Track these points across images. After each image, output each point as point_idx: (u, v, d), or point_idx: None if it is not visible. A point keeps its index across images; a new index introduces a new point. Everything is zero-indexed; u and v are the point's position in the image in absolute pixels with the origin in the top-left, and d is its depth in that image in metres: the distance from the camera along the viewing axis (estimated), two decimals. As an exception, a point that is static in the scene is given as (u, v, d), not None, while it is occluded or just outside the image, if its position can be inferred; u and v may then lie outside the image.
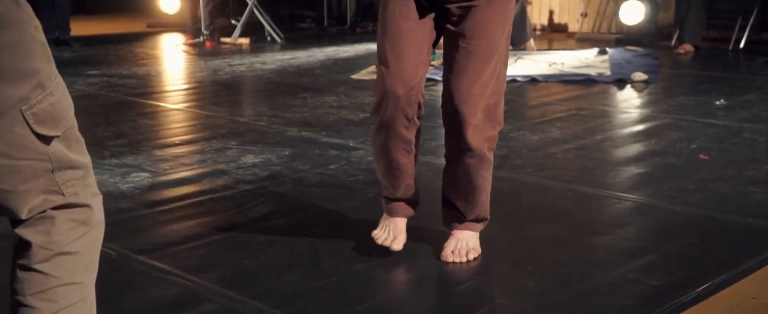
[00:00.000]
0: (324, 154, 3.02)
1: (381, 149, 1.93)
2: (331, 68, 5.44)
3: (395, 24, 1.85)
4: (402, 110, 1.87)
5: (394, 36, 1.85)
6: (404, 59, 1.85)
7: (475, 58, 1.83)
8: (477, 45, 1.83)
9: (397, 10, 1.85)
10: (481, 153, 1.88)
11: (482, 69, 1.84)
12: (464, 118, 1.84)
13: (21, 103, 1.00)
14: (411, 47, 1.85)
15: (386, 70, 1.86)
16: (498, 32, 1.85)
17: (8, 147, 1.01)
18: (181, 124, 3.62)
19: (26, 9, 1.01)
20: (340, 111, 3.87)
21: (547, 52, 6.07)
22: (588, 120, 3.61)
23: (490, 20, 1.83)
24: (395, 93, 1.85)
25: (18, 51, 0.99)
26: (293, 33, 7.74)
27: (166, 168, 2.81)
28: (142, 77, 5.00)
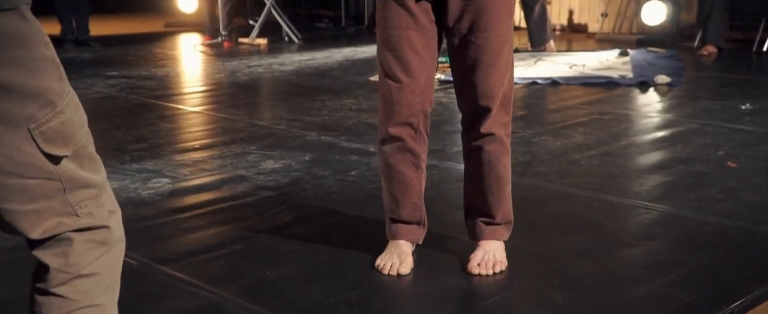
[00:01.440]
0: (344, 159, 2.99)
1: (387, 163, 1.90)
2: (350, 69, 5.42)
3: (395, 34, 1.82)
4: (408, 120, 1.85)
5: (396, 47, 1.82)
6: (407, 69, 1.82)
7: (486, 51, 1.80)
8: (486, 38, 1.80)
9: (396, 20, 1.81)
10: (500, 138, 1.88)
11: (496, 61, 1.81)
12: (486, 110, 1.84)
13: (28, 121, 0.98)
14: (413, 56, 1.82)
15: (389, 81, 1.84)
16: (504, 21, 1.82)
17: (16, 166, 0.99)
18: (201, 127, 3.61)
19: (35, 25, 0.99)
20: (360, 114, 3.84)
21: (567, 54, 6.00)
22: (611, 125, 3.56)
23: (494, 11, 1.79)
24: (400, 103, 1.83)
25: (26, 69, 0.97)
26: (310, 33, 7.73)
27: (186, 174, 2.79)
28: (161, 79, 5.00)
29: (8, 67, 0.94)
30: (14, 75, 0.95)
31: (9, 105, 0.96)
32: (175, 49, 6.70)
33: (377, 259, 1.95)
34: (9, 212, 1.01)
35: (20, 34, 0.96)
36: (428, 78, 1.87)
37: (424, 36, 1.83)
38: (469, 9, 1.79)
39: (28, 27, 0.97)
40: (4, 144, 0.97)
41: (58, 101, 1.01)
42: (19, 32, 0.96)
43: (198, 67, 5.70)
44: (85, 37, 6.51)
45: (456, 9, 1.80)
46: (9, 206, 1.01)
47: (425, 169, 1.96)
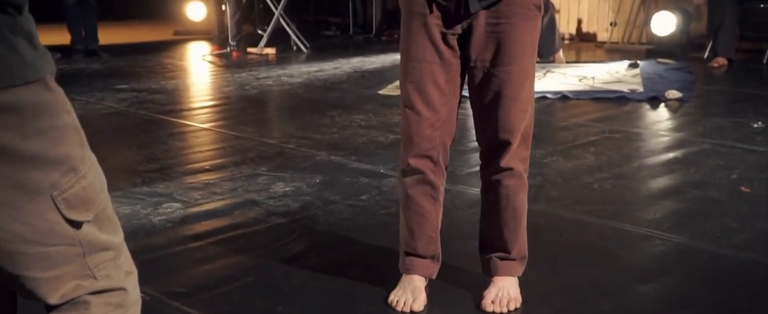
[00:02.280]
0: (355, 182, 2.98)
1: (407, 193, 1.91)
2: (358, 82, 5.41)
3: (418, 67, 1.82)
4: (428, 153, 1.86)
5: (419, 79, 1.82)
6: (428, 102, 1.82)
7: (508, 85, 1.80)
8: (509, 72, 1.80)
9: (421, 52, 1.81)
10: (519, 173, 1.88)
11: (518, 95, 1.81)
12: (506, 144, 1.84)
13: (52, 189, 0.98)
14: (435, 90, 1.82)
15: (411, 113, 1.84)
16: (527, 56, 1.82)
17: (38, 234, 0.99)
18: (211, 146, 3.60)
19: (58, 93, 0.99)
20: (369, 132, 3.83)
21: (576, 65, 5.98)
22: (622, 144, 3.54)
23: (518, 44, 1.79)
24: (420, 136, 1.84)
25: (50, 138, 0.96)
26: (319, 41, 7.73)
27: (197, 198, 2.79)
28: (170, 92, 5.00)
29: (33, 138, 0.94)
30: (39, 145, 0.95)
31: (33, 174, 0.95)
32: (184, 59, 6.71)
33: (390, 295, 1.94)
34: (30, 280, 1.01)
35: (45, 105, 0.95)
36: (449, 112, 1.87)
37: (447, 70, 1.82)
38: (493, 42, 1.79)
39: (52, 96, 0.96)
40: (27, 213, 0.96)
41: (80, 166, 1.01)
42: (44, 102, 0.95)
43: (207, 80, 5.70)
44: (94, 46, 6.52)
45: (480, 42, 1.79)
46: (31, 274, 1.00)
47: (443, 202, 1.95)
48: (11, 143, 0.91)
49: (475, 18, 1.78)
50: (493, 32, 1.79)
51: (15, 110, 0.91)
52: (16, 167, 0.93)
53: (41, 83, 0.94)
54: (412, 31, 1.83)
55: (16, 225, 0.96)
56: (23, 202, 0.95)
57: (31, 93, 0.93)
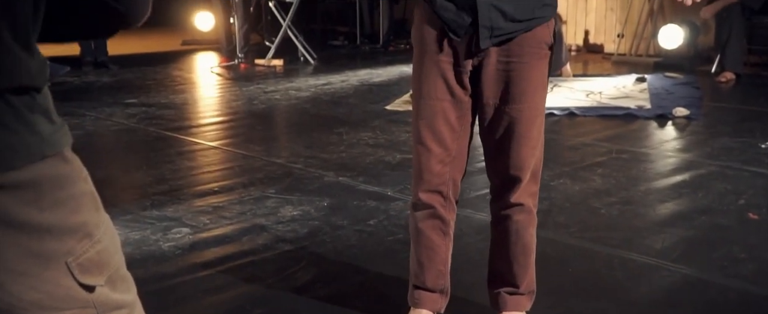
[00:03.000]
0: (362, 205, 2.99)
1: (417, 227, 1.93)
2: (366, 96, 5.43)
3: (430, 104, 1.83)
4: (438, 188, 1.88)
5: (430, 117, 1.84)
6: (439, 139, 1.84)
7: (520, 123, 1.81)
8: (520, 110, 1.81)
9: (432, 90, 1.82)
10: (529, 208, 1.90)
11: (529, 132, 1.82)
12: (516, 180, 1.85)
13: (67, 256, 0.99)
14: (446, 127, 1.84)
15: (422, 149, 1.86)
16: (538, 94, 1.83)
17: (55, 301, 1.00)
18: (219, 166, 3.62)
19: (74, 163, 1.00)
20: (377, 151, 3.84)
21: (583, 79, 5.98)
22: (630, 166, 3.54)
23: (529, 82, 1.80)
24: (430, 171, 1.86)
25: (66, 208, 0.98)
26: (326, 52, 7.75)
27: (206, 222, 2.81)
28: (179, 107, 5.03)
29: (50, 210, 0.95)
30: (55, 216, 0.96)
31: (49, 244, 0.97)
32: (192, 71, 6.74)
33: None
34: None
35: (61, 176, 0.97)
36: (460, 148, 1.88)
37: (459, 108, 1.84)
38: (504, 80, 1.80)
39: (68, 168, 0.98)
40: (43, 281, 0.98)
41: (95, 231, 1.03)
42: (61, 175, 0.97)
43: (215, 93, 5.72)
44: (103, 58, 6.55)
45: (491, 80, 1.80)
46: None
47: (452, 235, 1.97)
48: (28, 216, 0.93)
49: (487, 56, 1.79)
50: (504, 70, 1.80)
51: (32, 185, 0.93)
52: (33, 238, 0.95)
53: (58, 156, 0.96)
54: (424, 68, 1.84)
55: (32, 293, 0.98)
56: (39, 270, 0.97)
57: (48, 167, 0.94)
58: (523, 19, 1.78)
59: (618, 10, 7.42)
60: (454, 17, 1.78)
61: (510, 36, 1.78)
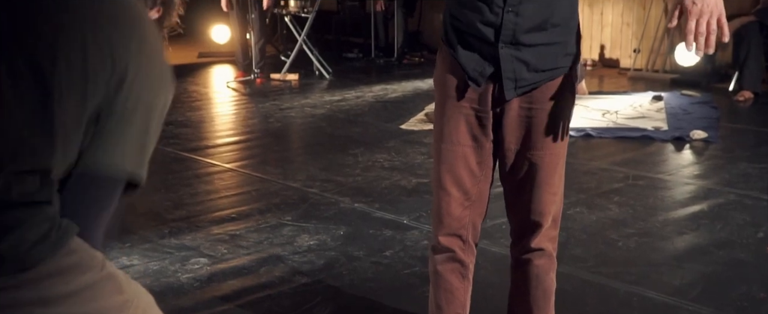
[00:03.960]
0: (378, 235, 3.00)
1: (436, 269, 1.93)
2: (381, 114, 5.44)
3: (452, 149, 1.83)
4: (458, 232, 1.88)
5: (451, 161, 1.84)
6: (460, 184, 1.85)
7: (541, 169, 1.82)
8: (541, 156, 1.81)
9: (454, 135, 1.83)
10: (549, 253, 1.90)
11: (550, 179, 1.83)
12: (537, 225, 1.86)
13: None
14: (466, 172, 1.84)
15: (443, 193, 1.86)
16: (559, 141, 1.83)
17: None
18: (236, 190, 3.64)
19: (84, 253, 1.02)
20: (392, 174, 3.85)
21: (599, 97, 5.96)
22: (647, 194, 3.52)
23: (550, 128, 1.80)
24: (450, 215, 1.86)
25: (81, 298, 1.00)
26: (341, 65, 7.77)
27: (223, 252, 2.82)
28: (196, 125, 5.06)
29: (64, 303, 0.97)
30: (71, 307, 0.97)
31: None
32: (209, 85, 6.78)
33: None
34: None
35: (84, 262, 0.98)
36: (481, 192, 1.88)
37: (480, 153, 1.84)
38: (525, 126, 1.80)
39: (76, 258, 0.99)
40: None
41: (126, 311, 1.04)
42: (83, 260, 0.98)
43: (231, 110, 5.75)
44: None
45: (513, 125, 1.80)
46: None
47: (472, 278, 1.97)
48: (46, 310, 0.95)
49: (509, 102, 1.79)
50: (526, 116, 1.80)
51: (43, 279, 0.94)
52: None
53: (65, 249, 0.97)
54: (446, 113, 1.84)
55: None
56: None
57: (55, 263, 0.96)
58: (547, 69, 1.78)
59: (634, 25, 7.39)
60: (476, 67, 1.78)
61: (533, 86, 1.78)
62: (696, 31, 1.49)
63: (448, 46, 1.84)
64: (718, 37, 1.53)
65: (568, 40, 1.80)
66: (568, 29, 1.79)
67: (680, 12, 1.52)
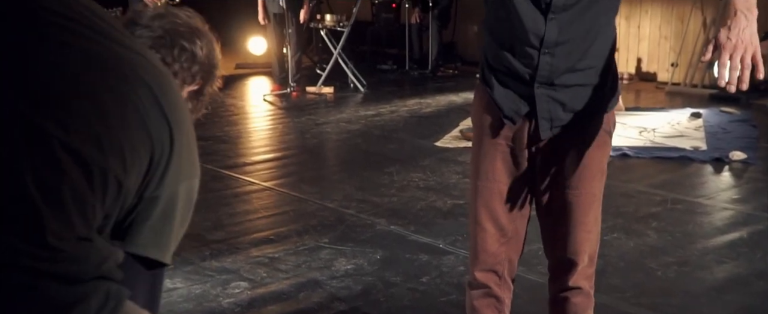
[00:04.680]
0: (415, 259, 3.03)
1: (472, 304, 1.96)
2: (415, 129, 5.46)
3: (488, 186, 1.86)
4: (494, 268, 1.91)
5: (488, 198, 1.86)
6: (496, 220, 1.87)
7: (576, 208, 1.83)
8: (577, 195, 1.82)
9: (491, 172, 1.85)
10: (587, 292, 1.91)
11: (585, 218, 1.84)
12: (573, 263, 1.87)
13: None
14: (504, 209, 1.86)
15: (479, 229, 1.88)
16: (596, 180, 1.84)
17: None
18: (274, 210, 3.70)
19: None
20: (427, 195, 3.88)
21: (636, 113, 5.91)
22: (685, 219, 3.49)
23: (586, 168, 1.81)
24: (486, 251, 1.89)
25: None
26: (375, 77, 7.83)
27: (263, 276, 2.88)
28: (233, 141, 5.15)
29: None
30: None
31: None
32: (245, 99, 6.89)
33: None
34: None
35: None
36: (517, 229, 1.90)
37: (516, 190, 1.86)
38: (562, 165, 1.82)
39: None
40: None
41: None
42: None
43: (268, 125, 5.82)
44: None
45: (550, 164, 1.82)
46: None
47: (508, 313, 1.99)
48: None
49: (544, 141, 1.81)
50: (561, 155, 1.82)
51: None
52: None
53: None
54: (483, 149, 1.87)
55: None
56: None
57: None
58: (582, 109, 1.79)
59: (672, 39, 7.31)
60: (512, 105, 1.81)
61: (569, 126, 1.79)
62: (731, 66, 1.46)
63: (484, 85, 1.86)
64: (752, 73, 1.51)
65: (604, 80, 1.81)
66: (603, 70, 1.80)
67: (715, 46, 1.50)
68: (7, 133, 0.91)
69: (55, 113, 0.93)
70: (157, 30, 1.29)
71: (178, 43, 1.29)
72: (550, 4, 1.70)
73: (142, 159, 1.00)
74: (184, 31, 1.31)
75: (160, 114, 1.01)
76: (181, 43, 1.30)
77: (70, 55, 0.96)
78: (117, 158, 0.96)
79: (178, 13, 1.34)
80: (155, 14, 1.32)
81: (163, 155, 1.02)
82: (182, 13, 1.34)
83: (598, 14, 1.73)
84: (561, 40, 1.72)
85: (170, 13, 1.33)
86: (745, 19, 1.47)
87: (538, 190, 1.87)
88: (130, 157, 0.98)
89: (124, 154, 0.97)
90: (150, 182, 1.03)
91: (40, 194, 0.90)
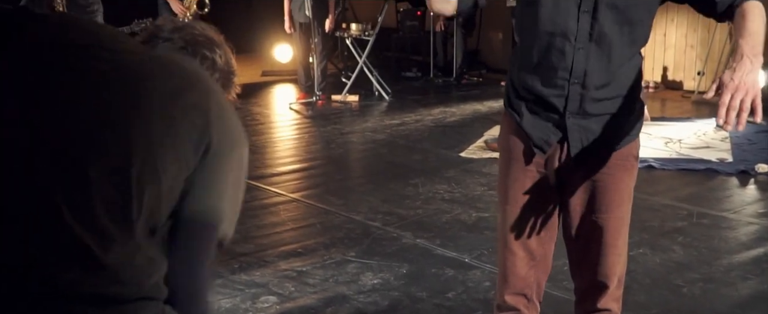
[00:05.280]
0: (441, 274, 3.07)
1: None
2: (440, 140, 5.50)
3: (517, 211, 1.90)
4: (523, 291, 1.95)
5: (517, 224, 1.91)
6: (525, 244, 1.91)
7: (606, 232, 1.87)
8: (606, 220, 1.86)
9: (519, 197, 1.89)
10: (615, 313, 1.95)
11: (614, 241, 1.88)
12: (602, 286, 1.91)
13: None
14: (532, 234, 1.92)
15: (508, 253, 1.93)
16: (624, 204, 1.88)
17: None
18: (301, 223, 3.76)
19: None
20: (453, 207, 3.91)
21: (662, 123, 5.89)
22: (711, 234, 3.49)
23: (614, 193, 1.85)
24: (515, 275, 1.93)
25: None
26: (399, 84, 7.88)
27: (291, 290, 2.93)
28: (260, 151, 5.23)
29: None
30: None
31: None
32: (271, 107, 6.97)
33: None
34: None
35: None
36: (545, 253, 1.95)
37: (544, 215, 1.91)
38: (589, 190, 1.86)
39: None
40: None
41: None
42: None
43: (294, 134, 5.89)
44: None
45: (578, 189, 1.86)
46: None
47: None
48: None
49: (574, 167, 1.85)
50: (591, 180, 1.85)
51: None
52: None
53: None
54: (511, 175, 1.91)
55: None
56: None
57: None
58: (612, 137, 1.83)
59: (698, 47, 7.26)
60: (541, 135, 1.85)
61: (599, 153, 1.83)
62: (729, 106, 1.48)
63: (512, 111, 1.90)
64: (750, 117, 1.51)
65: (631, 108, 1.85)
66: (630, 98, 1.83)
67: (718, 86, 1.52)
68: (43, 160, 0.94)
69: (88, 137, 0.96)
70: (179, 42, 1.34)
71: (200, 53, 1.35)
72: (577, 35, 1.74)
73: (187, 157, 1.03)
74: (204, 41, 1.36)
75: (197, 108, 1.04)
76: (202, 52, 1.35)
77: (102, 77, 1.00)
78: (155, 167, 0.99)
79: (195, 25, 1.40)
80: (174, 27, 1.37)
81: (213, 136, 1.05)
82: (198, 25, 1.40)
83: (625, 45, 1.77)
84: (590, 71, 1.76)
85: (188, 26, 1.39)
86: (750, 64, 1.50)
87: (567, 214, 1.91)
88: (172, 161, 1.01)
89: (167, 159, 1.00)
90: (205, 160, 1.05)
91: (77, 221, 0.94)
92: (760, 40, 1.56)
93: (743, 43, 1.55)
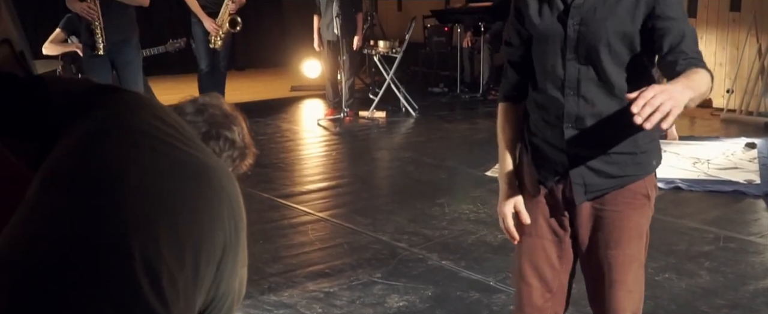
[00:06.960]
0: (466, 297, 3.11)
1: None
2: (466, 158, 5.54)
3: (531, 242, 1.95)
4: None
5: (532, 253, 1.95)
6: (541, 276, 1.95)
7: (614, 268, 1.89)
8: (615, 256, 1.88)
9: (534, 228, 1.94)
10: None
11: (624, 278, 1.89)
12: None
13: None
14: (548, 265, 1.95)
15: (524, 284, 1.97)
16: (633, 241, 1.88)
17: None
18: (329, 243, 3.83)
19: None
20: (478, 228, 3.95)
21: (690, 142, 5.86)
22: (737, 259, 3.49)
23: (623, 231, 1.86)
24: (531, 305, 1.97)
25: None
26: (426, 100, 7.93)
27: (319, 312, 3.00)
28: (289, 168, 5.32)
29: None
30: None
31: None
32: (299, 123, 7.07)
33: None
34: None
35: None
36: (561, 284, 1.98)
37: (559, 247, 1.94)
38: (598, 226, 1.88)
39: None
40: None
41: None
42: None
43: (322, 151, 5.97)
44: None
45: (585, 225, 1.89)
46: None
47: None
48: None
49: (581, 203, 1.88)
50: (598, 217, 1.88)
51: None
52: None
53: None
54: (526, 204, 1.96)
55: None
56: None
57: None
58: (616, 176, 1.86)
59: (727, 65, 7.21)
60: (546, 171, 1.90)
61: (604, 191, 1.86)
62: (648, 102, 1.44)
63: (523, 144, 1.96)
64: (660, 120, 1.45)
65: (640, 147, 1.86)
66: (635, 139, 1.84)
67: None
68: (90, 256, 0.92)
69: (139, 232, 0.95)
70: (203, 126, 1.39)
71: (222, 135, 1.40)
72: (564, 80, 1.80)
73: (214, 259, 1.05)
74: (223, 121, 1.41)
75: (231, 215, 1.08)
76: (224, 134, 1.40)
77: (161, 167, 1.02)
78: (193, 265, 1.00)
79: (212, 103, 1.44)
80: (196, 109, 1.42)
81: (229, 252, 1.07)
82: (214, 101, 1.45)
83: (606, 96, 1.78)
84: (582, 115, 1.80)
85: (208, 105, 1.43)
86: (682, 88, 1.50)
87: (578, 248, 1.94)
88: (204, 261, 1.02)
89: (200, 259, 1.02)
90: (220, 279, 1.07)
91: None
92: (697, 89, 1.54)
93: (683, 78, 1.57)
